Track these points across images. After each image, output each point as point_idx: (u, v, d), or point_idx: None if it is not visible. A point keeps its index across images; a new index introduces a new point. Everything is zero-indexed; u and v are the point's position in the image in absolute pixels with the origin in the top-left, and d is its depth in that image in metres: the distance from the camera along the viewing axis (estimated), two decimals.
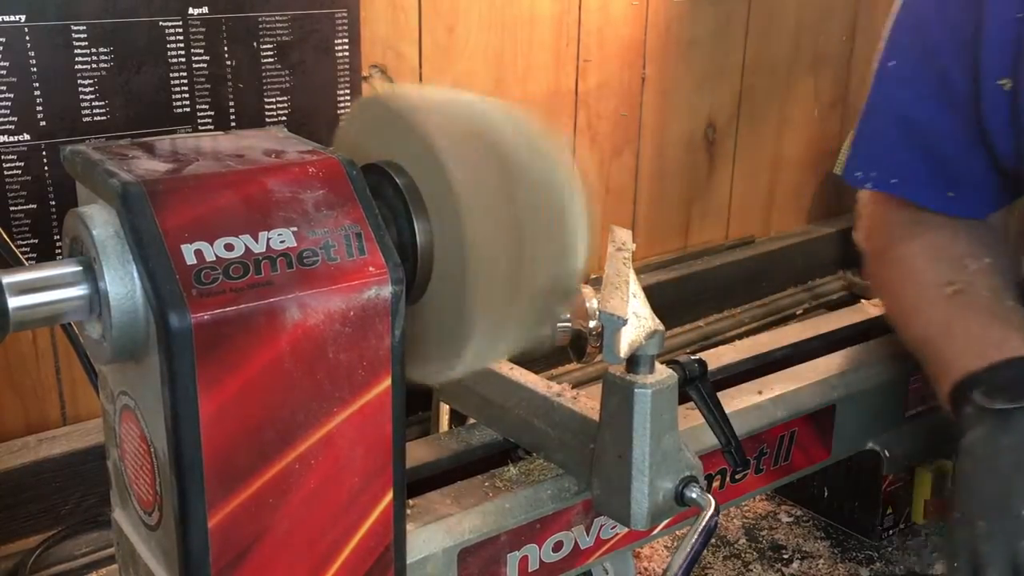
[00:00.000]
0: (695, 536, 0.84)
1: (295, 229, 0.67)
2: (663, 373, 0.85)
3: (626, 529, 0.92)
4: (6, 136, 1.18)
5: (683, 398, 0.87)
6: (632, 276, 0.84)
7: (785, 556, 1.31)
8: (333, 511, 0.72)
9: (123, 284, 0.64)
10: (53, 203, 1.23)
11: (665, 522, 0.91)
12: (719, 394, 0.94)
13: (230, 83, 1.32)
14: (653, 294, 0.86)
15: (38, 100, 1.19)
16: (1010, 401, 0.95)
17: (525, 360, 0.98)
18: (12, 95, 1.18)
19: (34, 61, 1.18)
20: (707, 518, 0.84)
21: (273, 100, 1.36)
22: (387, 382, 0.71)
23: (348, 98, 1.40)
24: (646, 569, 1.27)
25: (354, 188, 0.71)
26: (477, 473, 0.95)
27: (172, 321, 0.62)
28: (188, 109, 1.30)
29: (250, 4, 1.31)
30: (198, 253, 0.64)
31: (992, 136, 1.06)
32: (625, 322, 0.80)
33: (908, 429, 1.25)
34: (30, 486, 1.22)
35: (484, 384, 1.02)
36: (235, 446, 0.66)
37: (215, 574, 0.68)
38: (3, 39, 1.16)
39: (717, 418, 0.92)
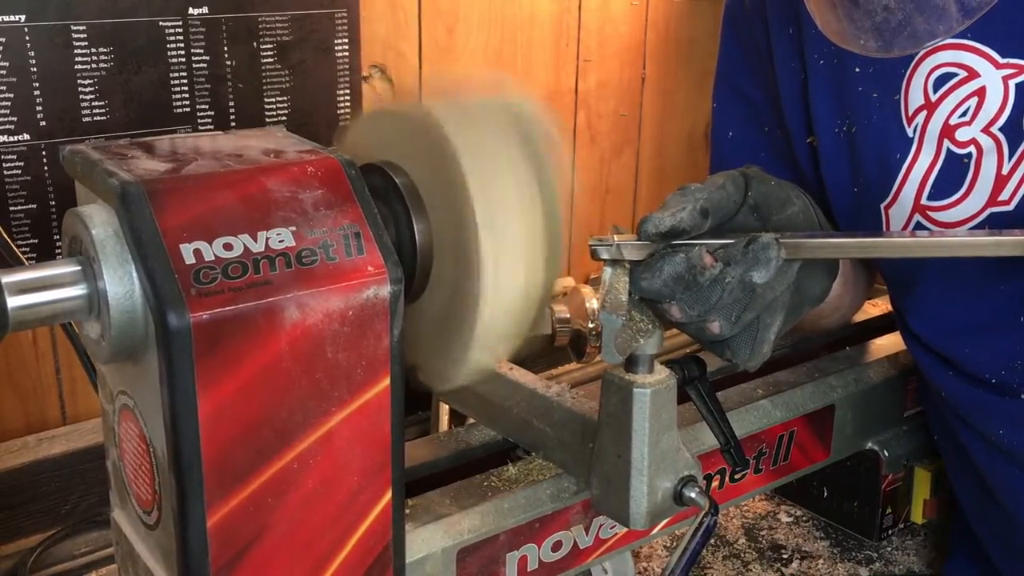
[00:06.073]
0: (694, 536, 0.83)
1: (294, 228, 0.67)
2: (662, 373, 0.84)
3: (625, 529, 0.92)
4: (6, 136, 1.18)
5: (682, 398, 0.87)
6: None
7: (785, 556, 1.31)
8: (332, 511, 0.72)
9: (122, 284, 0.64)
10: (53, 203, 1.23)
11: (664, 522, 0.91)
12: (718, 394, 0.94)
13: (230, 83, 1.32)
14: None
15: (38, 100, 1.19)
16: None
17: (524, 360, 0.98)
18: (12, 95, 1.18)
19: (34, 61, 1.18)
20: (706, 518, 0.84)
21: (273, 100, 1.36)
22: (386, 382, 0.71)
23: (348, 98, 1.40)
24: (645, 569, 1.27)
25: (353, 188, 0.71)
26: (476, 473, 0.95)
27: (171, 320, 0.62)
28: (188, 109, 1.30)
29: (250, 4, 1.31)
30: (197, 253, 0.64)
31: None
32: (624, 322, 0.80)
33: (907, 429, 1.25)
34: (30, 486, 1.23)
35: (484, 384, 1.02)
36: (234, 445, 0.66)
37: (214, 573, 0.68)
38: (3, 39, 1.16)
39: (716, 418, 0.92)
